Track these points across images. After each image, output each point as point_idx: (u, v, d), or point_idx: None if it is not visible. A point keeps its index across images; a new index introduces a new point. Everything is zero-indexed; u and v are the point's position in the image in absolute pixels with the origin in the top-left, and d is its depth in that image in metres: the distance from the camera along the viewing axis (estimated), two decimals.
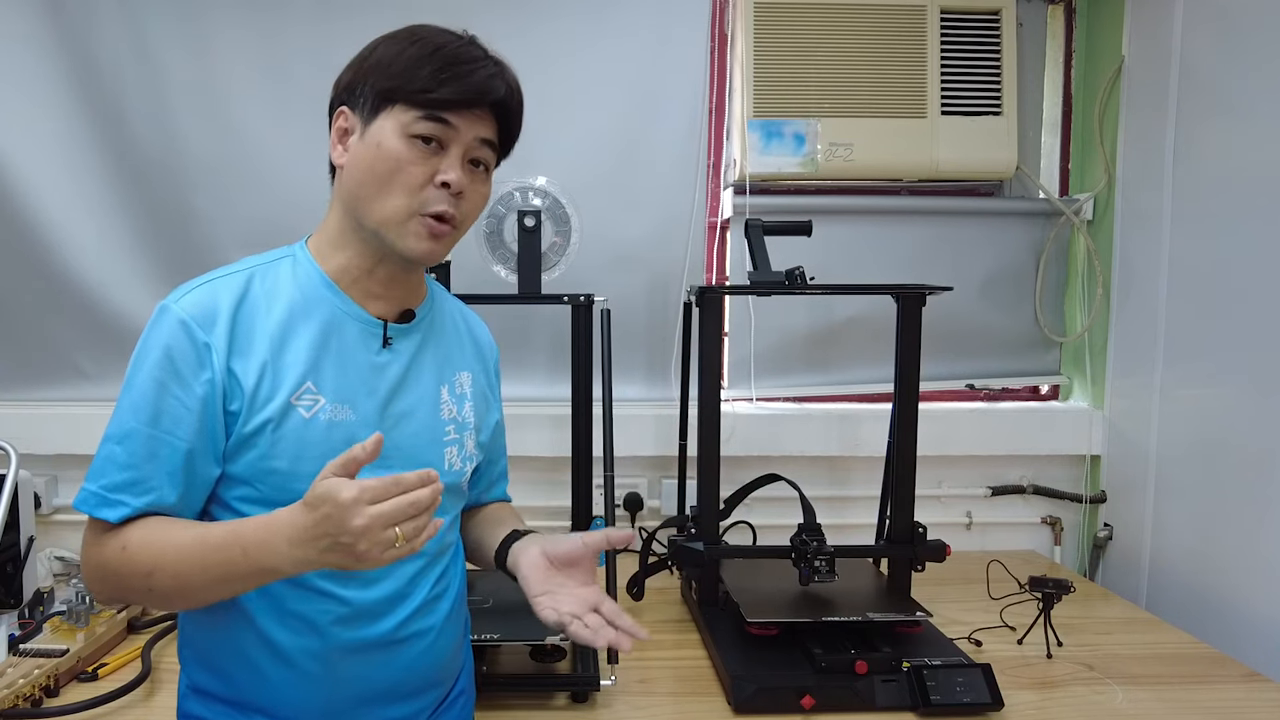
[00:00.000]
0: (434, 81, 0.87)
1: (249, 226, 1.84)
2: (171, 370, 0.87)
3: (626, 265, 1.91)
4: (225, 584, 0.83)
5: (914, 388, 1.54)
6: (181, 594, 0.86)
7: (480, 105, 0.90)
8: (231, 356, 0.88)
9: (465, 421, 1.03)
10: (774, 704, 1.23)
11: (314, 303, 0.93)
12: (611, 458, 1.47)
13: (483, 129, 0.92)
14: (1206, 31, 1.68)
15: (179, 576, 0.84)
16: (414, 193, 0.90)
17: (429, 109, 0.88)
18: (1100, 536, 1.97)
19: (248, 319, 0.90)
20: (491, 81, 0.90)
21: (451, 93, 0.88)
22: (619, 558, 1.56)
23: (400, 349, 0.97)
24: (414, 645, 0.97)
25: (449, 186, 0.89)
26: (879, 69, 1.91)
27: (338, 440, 0.90)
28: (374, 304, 0.96)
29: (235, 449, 0.89)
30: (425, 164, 0.89)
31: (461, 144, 0.90)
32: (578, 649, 1.36)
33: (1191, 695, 1.31)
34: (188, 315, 0.87)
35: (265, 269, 0.94)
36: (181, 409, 0.87)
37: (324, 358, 0.92)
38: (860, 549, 1.62)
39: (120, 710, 1.22)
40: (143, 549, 0.85)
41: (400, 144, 0.89)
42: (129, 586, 0.87)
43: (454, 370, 1.04)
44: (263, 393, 0.88)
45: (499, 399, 1.16)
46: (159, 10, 1.78)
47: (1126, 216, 1.92)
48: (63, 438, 1.80)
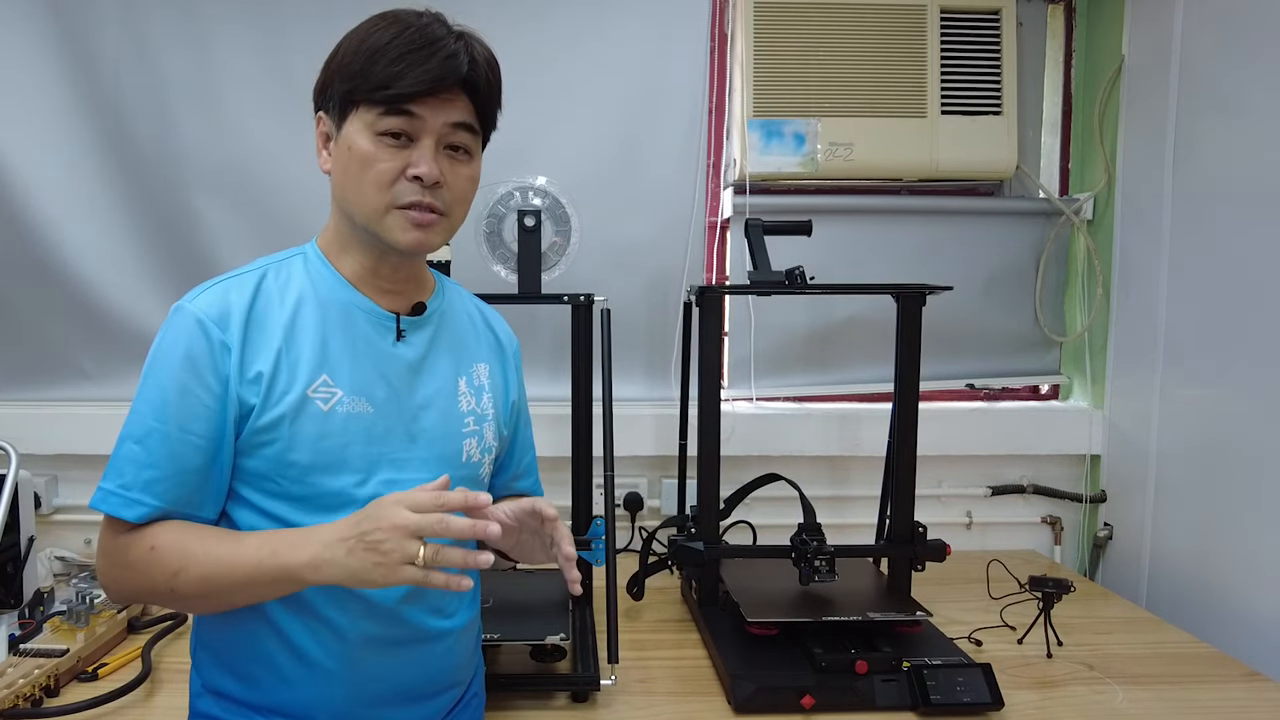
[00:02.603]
0: (389, 76, 0.86)
1: (250, 226, 1.84)
2: (190, 370, 0.87)
3: (626, 265, 1.91)
4: (247, 588, 0.85)
5: (914, 388, 1.54)
6: (203, 596, 0.86)
7: (444, 90, 0.88)
8: (247, 352, 0.89)
9: (484, 413, 1.03)
10: (774, 704, 1.23)
11: (327, 297, 0.94)
12: (611, 457, 1.47)
13: (453, 113, 0.89)
14: (1206, 31, 1.68)
15: (206, 579, 0.85)
16: (386, 188, 0.89)
17: (389, 104, 0.87)
18: (1100, 536, 1.97)
19: (261, 314, 0.91)
20: (450, 63, 0.87)
21: (409, 84, 0.86)
22: (619, 558, 1.56)
23: (414, 341, 0.98)
24: (434, 646, 0.98)
25: (421, 180, 0.89)
26: (879, 69, 1.91)
27: (356, 432, 0.91)
28: (385, 298, 0.97)
29: (254, 443, 0.89)
30: (396, 159, 0.88)
31: (432, 133, 0.89)
32: (578, 649, 1.36)
33: (1191, 695, 1.31)
34: (203, 314, 0.88)
35: (278, 266, 0.95)
36: (200, 408, 0.87)
37: (339, 350, 0.93)
38: (860, 549, 1.62)
39: (120, 710, 1.22)
40: (172, 548, 0.86)
41: (369, 143, 0.88)
42: (151, 586, 0.87)
43: (471, 362, 1.04)
44: (280, 384, 0.89)
45: (522, 390, 1.15)
46: (159, 9, 1.78)
47: (1126, 216, 1.92)
48: (63, 438, 1.80)
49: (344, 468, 0.91)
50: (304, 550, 0.81)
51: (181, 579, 0.85)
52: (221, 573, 0.84)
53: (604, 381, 1.50)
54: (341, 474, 0.90)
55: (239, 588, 0.85)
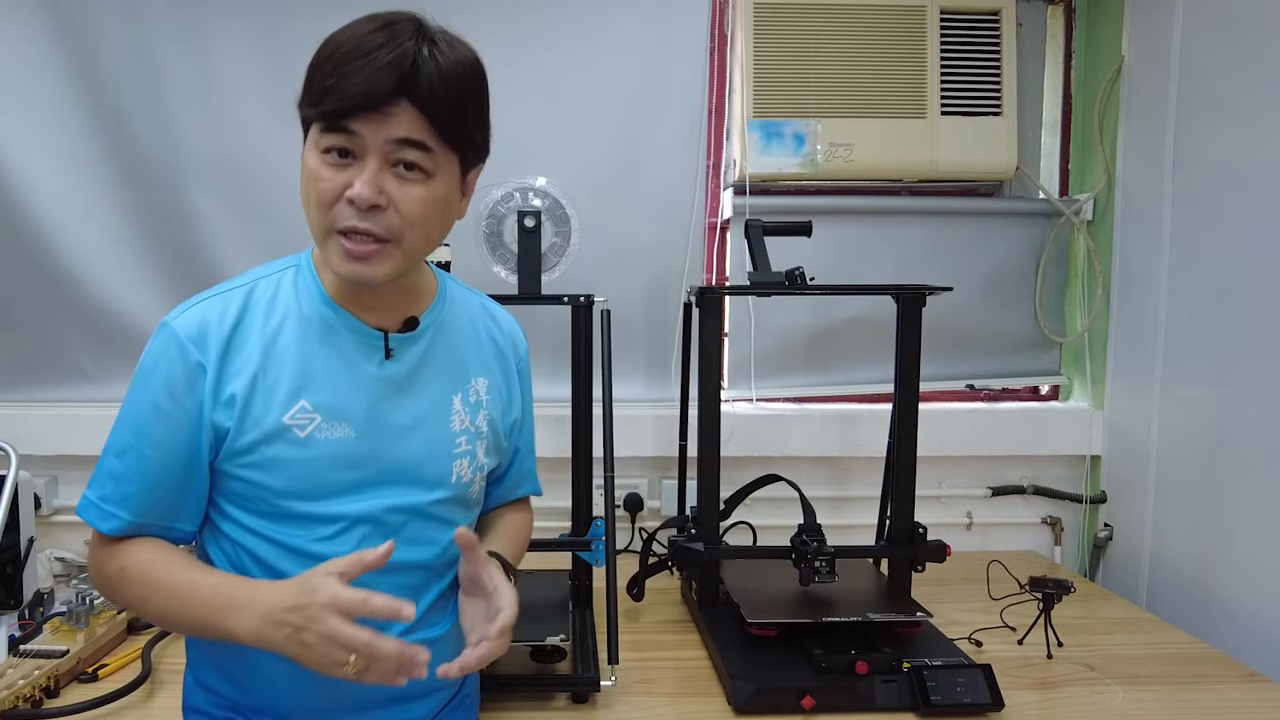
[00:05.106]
0: (323, 90, 0.80)
1: (250, 225, 1.84)
2: (167, 390, 0.87)
3: (626, 265, 1.91)
4: (200, 632, 0.87)
5: (914, 388, 1.54)
6: (165, 624, 0.91)
7: (382, 104, 0.79)
8: (222, 374, 0.87)
9: (479, 431, 1.00)
10: (774, 704, 1.23)
11: (311, 314, 0.91)
12: (611, 458, 1.47)
13: (396, 128, 0.81)
14: (1206, 31, 1.68)
15: (164, 615, 0.88)
16: (327, 209, 0.83)
17: (326, 120, 0.81)
18: (1100, 537, 1.97)
19: (243, 334, 0.89)
20: (382, 75, 0.78)
21: (336, 100, 0.79)
22: (619, 558, 1.56)
23: (404, 359, 0.94)
24: None
25: (354, 203, 0.82)
26: (879, 69, 1.91)
27: (335, 458, 0.90)
28: (372, 315, 0.93)
29: (231, 465, 0.88)
30: (337, 179, 0.82)
31: (375, 151, 0.81)
32: (578, 649, 1.36)
33: (1191, 695, 1.31)
34: (184, 334, 0.87)
35: (268, 281, 0.93)
36: (175, 427, 0.87)
37: (322, 372, 0.90)
38: (860, 549, 1.62)
39: (120, 711, 1.22)
40: (138, 579, 0.88)
41: (315, 161, 0.83)
42: (125, 603, 0.91)
43: (469, 376, 1.00)
44: (255, 410, 0.88)
45: (526, 396, 1.11)
46: (159, 8, 1.78)
47: (1126, 216, 1.91)
48: (63, 438, 1.80)
49: (322, 493, 0.90)
50: (246, 620, 0.81)
51: (146, 609, 0.88)
52: (176, 614, 0.86)
53: (604, 382, 1.50)
54: (320, 499, 0.90)
55: (191, 629, 0.88)
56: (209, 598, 0.84)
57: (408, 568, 0.94)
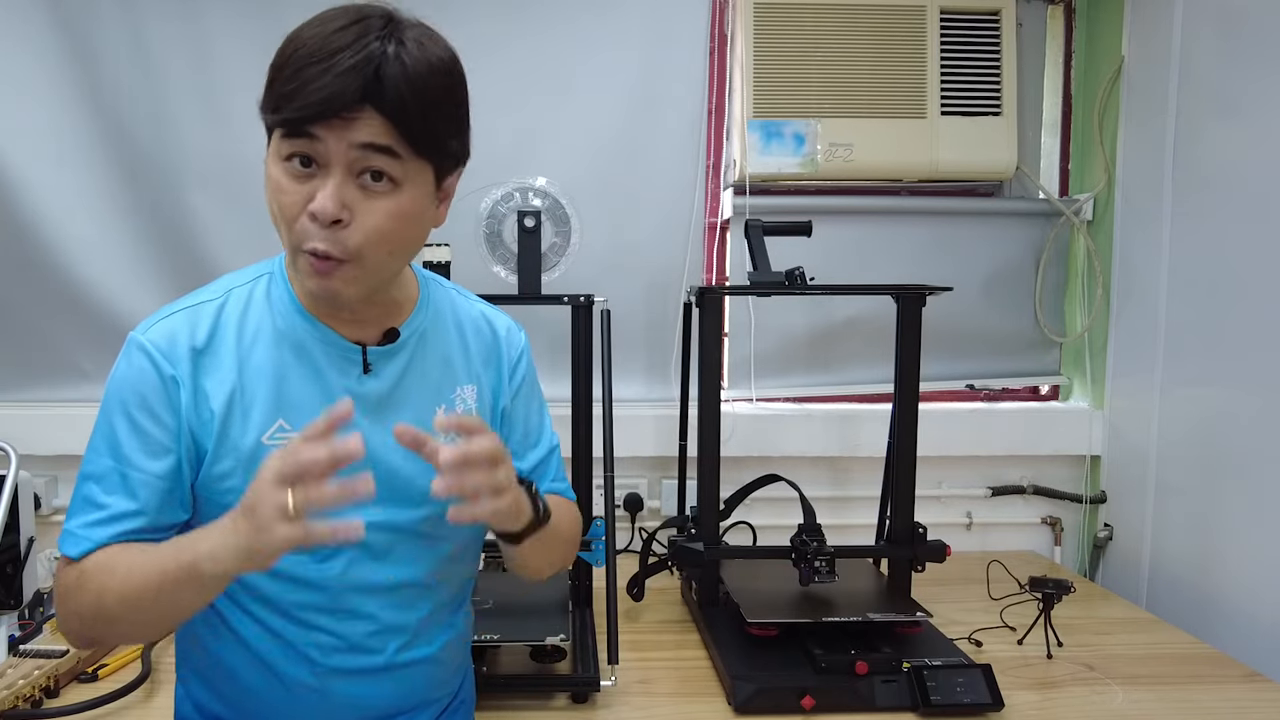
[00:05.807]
0: (280, 97, 0.76)
1: (249, 225, 1.83)
2: (141, 405, 0.84)
3: (626, 265, 1.91)
4: (163, 595, 0.77)
5: (914, 388, 1.54)
6: (127, 608, 0.80)
7: (344, 111, 0.75)
8: (199, 389, 0.85)
9: None
10: (774, 704, 1.23)
11: (285, 328, 0.88)
12: (611, 458, 1.47)
13: (361, 133, 0.76)
14: (1206, 31, 1.68)
15: (124, 593, 0.79)
16: (292, 224, 0.79)
17: (284, 126, 0.77)
18: (1100, 537, 1.97)
19: (216, 350, 0.86)
20: (344, 80, 0.74)
21: (297, 110, 0.75)
22: (619, 558, 1.56)
23: (384, 373, 0.90)
24: (411, 671, 0.95)
25: (316, 218, 0.77)
26: (879, 69, 1.91)
27: None
28: (349, 328, 0.89)
29: (210, 490, 0.86)
30: (303, 189, 0.78)
31: (339, 159, 0.76)
32: (578, 649, 1.36)
33: (1191, 695, 1.31)
34: (154, 348, 0.85)
35: (240, 291, 0.90)
36: (153, 443, 0.84)
37: (298, 389, 0.87)
38: (860, 549, 1.62)
39: (120, 711, 1.22)
40: (95, 571, 0.81)
41: (278, 170, 0.79)
42: (82, 607, 0.82)
43: (454, 386, 0.95)
44: (233, 431, 0.85)
45: (528, 394, 1.03)
46: (158, 8, 1.78)
47: (1126, 216, 1.91)
48: (63, 438, 1.79)
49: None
50: (204, 541, 0.75)
51: (106, 599, 0.80)
52: (137, 584, 0.78)
53: (604, 382, 1.50)
54: None
55: (155, 601, 0.78)
56: (168, 551, 0.78)
57: (398, 586, 0.93)
